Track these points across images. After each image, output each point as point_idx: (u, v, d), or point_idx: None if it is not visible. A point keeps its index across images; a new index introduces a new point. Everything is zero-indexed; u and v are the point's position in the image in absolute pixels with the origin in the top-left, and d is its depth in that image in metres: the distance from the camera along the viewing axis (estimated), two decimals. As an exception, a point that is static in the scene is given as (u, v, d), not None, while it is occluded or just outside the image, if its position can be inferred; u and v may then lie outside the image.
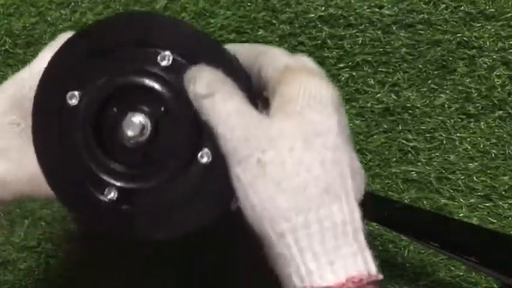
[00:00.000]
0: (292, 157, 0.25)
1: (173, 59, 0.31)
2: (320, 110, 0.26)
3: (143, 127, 0.31)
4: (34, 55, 0.51)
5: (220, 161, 0.30)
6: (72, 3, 0.52)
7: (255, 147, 0.25)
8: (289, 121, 0.26)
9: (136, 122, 0.31)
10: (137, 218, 0.32)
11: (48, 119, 0.32)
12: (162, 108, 0.31)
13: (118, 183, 0.31)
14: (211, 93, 0.27)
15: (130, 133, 0.30)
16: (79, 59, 0.32)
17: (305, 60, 0.30)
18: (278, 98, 0.27)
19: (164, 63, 0.31)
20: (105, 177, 0.31)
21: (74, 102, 0.31)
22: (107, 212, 0.32)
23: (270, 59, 0.29)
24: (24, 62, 0.52)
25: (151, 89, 0.31)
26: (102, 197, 0.32)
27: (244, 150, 0.26)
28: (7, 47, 0.52)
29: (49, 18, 0.52)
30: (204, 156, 0.31)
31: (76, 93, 0.31)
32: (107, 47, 0.31)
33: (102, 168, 0.32)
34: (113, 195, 0.31)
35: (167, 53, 0.31)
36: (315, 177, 0.25)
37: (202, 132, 0.31)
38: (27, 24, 0.52)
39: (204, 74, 0.28)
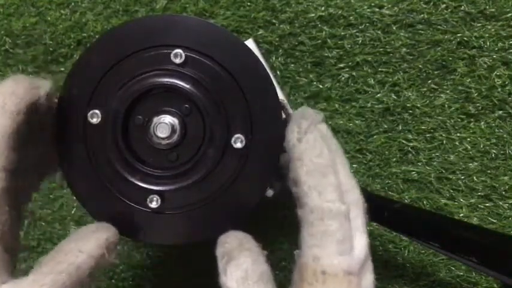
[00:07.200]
0: None
1: (186, 55, 0.31)
2: None
3: (173, 126, 0.31)
4: (34, 55, 0.51)
5: (254, 145, 0.30)
6: (72, 3, 0.52)
7: None
8: None
9: (165, 123, 0.31)
10: (184, 221, 0.31)
11: (73, 144, 0.31)
12: (186, 105, 0.31)
13: (159, 188, 0.31)
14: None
15: (161, 134, 0.30)
16: (93, 77, 0.31)
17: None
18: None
19: (178, 60, 0.31)
20: (145, 185, 0.31)
21: (96, 120, 0.31)
22: (151, 221, 0.31)
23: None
24: (24, 62, 0.52)
25: (172, 86, 0.31)
26: (144, 208, 0.31)
27: None
28: (7, 47, 0.52)
29: (49, 18, 0.52)
30: (237, 142, 0.31)
31: (97, 111, 0.31)
32: (119, 57, 0.31)
33: (139, 177, 0.31)
34: (155, 203, 0.31)
35: (179, 50, 0.31)
36: None
37: (230, 119, 0.31)
38: (27, 24, 0.52)
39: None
